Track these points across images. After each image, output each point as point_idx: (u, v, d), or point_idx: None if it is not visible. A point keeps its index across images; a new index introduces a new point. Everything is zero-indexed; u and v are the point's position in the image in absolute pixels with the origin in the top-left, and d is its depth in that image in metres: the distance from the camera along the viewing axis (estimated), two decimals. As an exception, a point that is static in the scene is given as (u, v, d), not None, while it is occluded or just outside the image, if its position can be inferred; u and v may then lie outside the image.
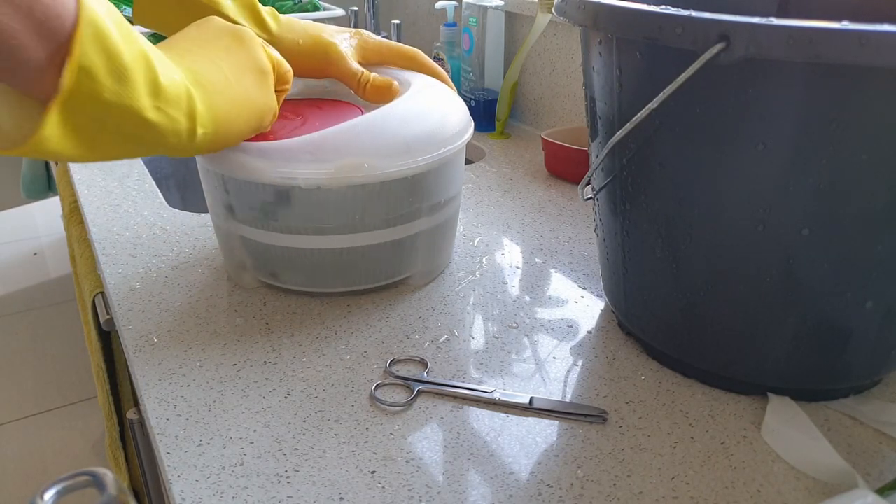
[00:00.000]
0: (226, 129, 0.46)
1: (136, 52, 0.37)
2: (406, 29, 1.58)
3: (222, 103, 0.45)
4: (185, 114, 0.41)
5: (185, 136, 0.42)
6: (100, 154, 0.40)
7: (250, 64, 0.48)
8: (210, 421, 0.46)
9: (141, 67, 0.37)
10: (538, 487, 0.42)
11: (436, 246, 0.62)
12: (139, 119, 0.38)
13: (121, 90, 0.36)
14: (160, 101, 0.39)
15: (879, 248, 0.41)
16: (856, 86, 0.36)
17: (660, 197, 0.46)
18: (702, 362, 0.50)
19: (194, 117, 0.42)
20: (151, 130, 0.40)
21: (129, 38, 0.37)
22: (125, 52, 0.36)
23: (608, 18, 0.42)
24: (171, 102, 0.40)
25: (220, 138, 0.46)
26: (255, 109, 0.48)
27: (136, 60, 0.37)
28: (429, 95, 0.60)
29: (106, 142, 0.39)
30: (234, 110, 0.46)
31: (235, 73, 0.46)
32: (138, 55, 0.37)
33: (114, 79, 0.36)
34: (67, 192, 0.96)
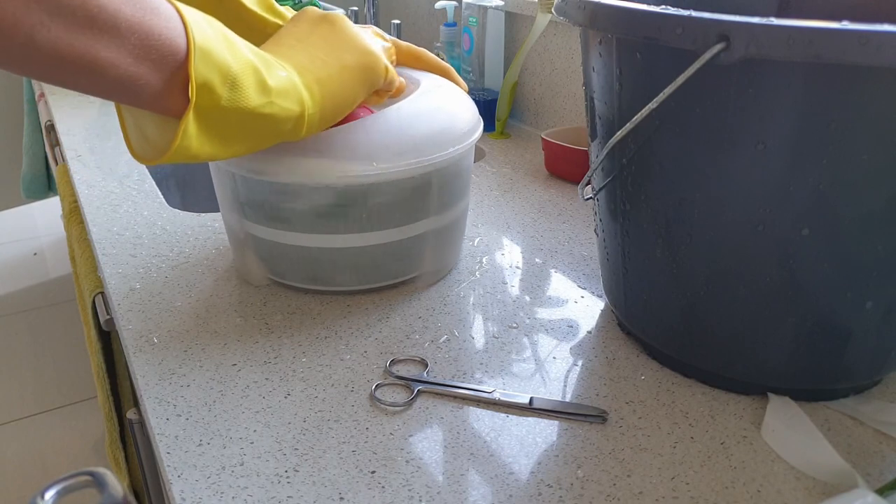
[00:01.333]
0: (331, 104, 0.50)
1: (243, 62, 0.42)
2: (406, 29, 1.58)
3: (324, 83, 0.49)
4: (294, 101, 0.46)
5: (298, 120, 0.47)
6: (233, 150, 0.46)
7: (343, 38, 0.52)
8: (210, 421, 0.46)
9: (249, 74, 0.43)
10: (538, 487, 0.42)
11: (444, 245, 0.62)
12: (256, 115, 0.44)
13: (235, 96, 0.42)
14: (271, 97, 0.44)
15: (879, 248, 0.41)
16: (856, 86, 0.36)
17: (660, 197, 0.46)
18: (702, 362, 0.50)
19: (302, 102, 0.47)
20: (268, 122, 0.45)
21: (234, 51, 0.42)
22: (233, 64, 0.42)
23: (608, 18, 0.42)
24: (280, 96, 0.45)
25: (328, 113, 0.50)
26: (354, 77, 0.52)
27: (243, 69, 0.42)
28: (438, 95, 0.60)
29: (234, 138, 0.45)
30: (335, 86, 0.50)
31: (329, 54, 0.50)
32: (245, 64, 0.42)
33: (228, 88, 0.41)
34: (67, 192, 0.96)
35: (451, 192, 0.59)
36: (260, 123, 0.45)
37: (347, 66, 0.51)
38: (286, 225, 0.56)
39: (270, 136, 0.47)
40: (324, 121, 0.50)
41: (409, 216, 0.57)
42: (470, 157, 0.62)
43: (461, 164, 0.59)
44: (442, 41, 1.18)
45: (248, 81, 0.42)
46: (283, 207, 0.55)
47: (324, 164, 0.52)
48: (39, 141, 1.83)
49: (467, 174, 0.62)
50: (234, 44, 0.43)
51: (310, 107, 0.48)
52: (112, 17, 0.35)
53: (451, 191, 0.59)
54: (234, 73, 0.42)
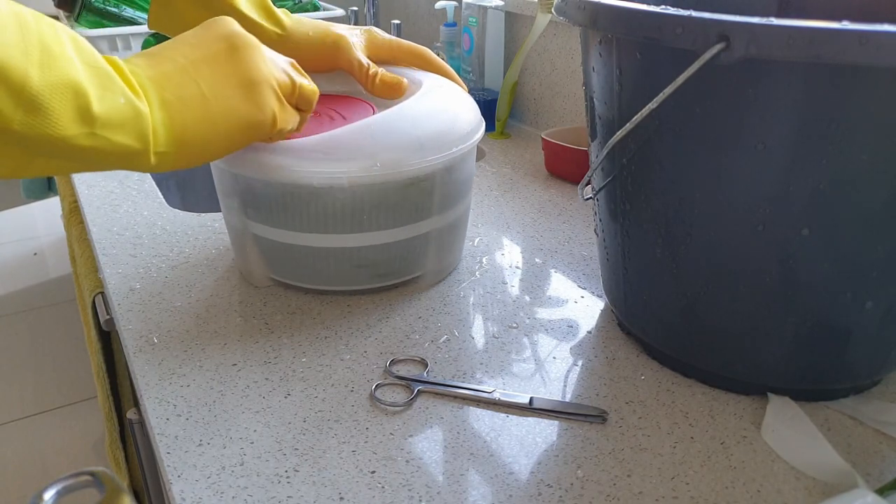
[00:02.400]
0: (194, 147, 0.44)
1: (57, 81, 0.35)
2: (406, 29, 1.58)
3: (191, 121, 0.43)
4: (131, 136, 0.39)
5: (137, 157, 0.41)
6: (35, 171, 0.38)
7: (238, 75, 0.45)
8: (210, 421, 0.46)
9: (63, 97, 0.35)
10: (538, 487, 0.42)
11: (447, 244, 0.63)
12: (69, 146, 0.37)
13: (35, 122, 0.35)
14: (96, 128, 0.37)
15: (879, 248, 0.41)
16: (856, 86, 0.36)
17: (660, 197, 0.46)
18: (702, 362, 0.50)
19: (146, 139, 0.40)
20: (88, 153, 0.38)
21: (49, 65, 0.35)
22: (36, 83, 0.34)
23: (608, 18, 0.42)
24: (109, 127, 0.38)
25: (186, 156, 0.44)
26: (238, 124, 0.45)
27: (54, 91, 0.35)
28: (440, 94, 0.60)
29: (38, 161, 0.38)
30: (208, 127, 0.44)
31: (216, 87, 0.44)
32: (58, 84, 0.35)
33: (23, 110, 0.34)
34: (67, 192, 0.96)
35: (453, 191, 0.59)
36: (79, 153, 0.38)
37: (228, 110, 0.44)
38: (289, 225, 0.56)
39: (96, 164, 0.40)
40: (183, 161, 0.44)
41: (412, 216, 0.57)
42: (472, 157, 0.62)
43: (463, 164, 0.60)
44: (442, 41, 1.18)
45: (58, 105, 0.35)
46: (285, 207, 0.55)
47: (326, 165, 0.52)
48: (39, 141, 1.82)
49: (469, 174, 0.62)
50: (55, 56, 0.35)
51: (160, 145, 0.41)
52: None
53: (453, 191, 0.59)
54: (35, 92, 0.34)
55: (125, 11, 1.22)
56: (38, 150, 0.37)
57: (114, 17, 1.21)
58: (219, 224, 0.74)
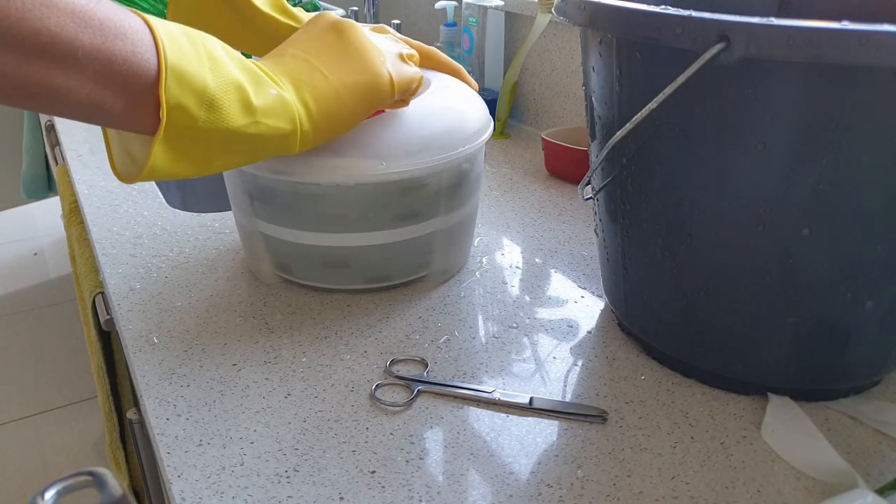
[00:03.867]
0: (328, 122, 0.49)
1: (225, 81, 0.41)
2: (406, 29, 1.58)
3: (320, 101, 0.48)
4: (284, 119, 0.45)
5: (289, 137, 0.46)
6: (218, 166, 0.45)
7: (349, 52, 0.50)
8: (210, 421, 0.46)
9: (231, 94, 0.41)
10: (538, 487, 0.42)
11: (453, 244, 0.63)
12: (240, 134, 0.43)
13: (213, 117, 0.41)
14: (257, 117, 0.43)
15: (879, 248, 0.41)
16: (856, 86, 0.36)
17: (660, 197, 0.46)
18: (702, 362, 0.50)
19: (294, 120, 0.46)
20: (255, 140, 0.44)
21: (217, 69, 0.41)
22: (211, 85, 0.40)
23: (608, 18, 0.42)
24: (268, 115, 0.44)
25: (324, 131, 0.49)
26: (359, 93, 0.50)
27: (224, 90, 0.41)
28: (448, 94, 0.60)
29: (217, 156, 0.44)
30: (332, 104, 0.48)
31: (333, 67, 0.49)
32: (227, 84, 0.41)
33: (205, 108, 0.40)
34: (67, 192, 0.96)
35: (461, 191, 0.60)
36: (245, 142, 0.44)
37: (348, 83, 0.49)
38: (296, 224, 0.57)
39: (259, 152, 0.46)
40: (319, 137, 0.49)
41: (419, 216, 0.57)
42: (480, 157, 0.62)
43: (471, 164, 0.60)
44: (442, 41, 1.18)
45: (228, 101, 0.41)
46: (293, 206, 0.56)
47: (334, 164, 0.53)
48: (39, 141, 1.83)
49: (477, 174, 0.62)
50: (219, 61, 0.41)
51: (304, 123, 0.47)
52: (67, 45, 0.34)
53: (461, 190, 0.59)
54: (212, 93, 0.40)
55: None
56: (215, 145, 0.42)
57: (114, 17, 1.21)
58: (219, 224, 0.74)
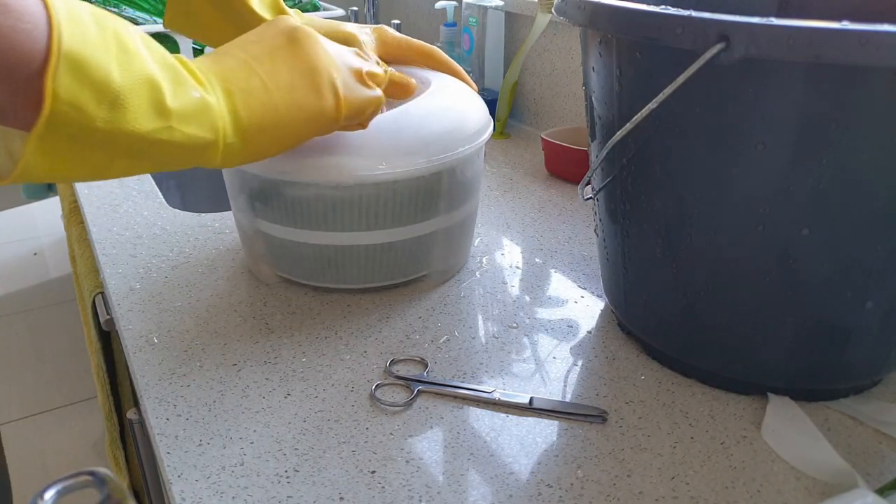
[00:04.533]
0: (264, 136, 0.44)
1: (136, 77, 0.36)
2: (406, 29, 1.58)
3: (256, 111, 0.43)
4: (204, 128, 0.40)
5: (208, 149, 0.41)
6: (116, 172, 0.39)
7: (298, 66, 0.45)
8: (210, 421, 0.46)
9: (141, 92, 0.36)
10: (538, 487, 0.42)
11: (453, 244, 0.63)
12: (149, 141, 0.37)
13: (116, 117, 0.35)
14: (172, 121, 0.38)
15: (879, 248, 0.41)
16: (856, 86, 0.36)
17: (660, 197, 0.46)
18: (702, 362, 0.50)
19: (217, 129, 0.41)
20: (168, 148, 0.39)
21: (128, 63, 0.35)
22: (117, 79, 0.34)
23: (608, 18, 0.42)
24: (184, 120, 0.39)
25: (252, 148, 0.44)
26: (302, 113, 0.45)
27: (134, 87, 0.35)
28: (447, 94, 0.60)
29: (118, 162, 0.38)
30: (273, 117, 0.44)
31: (277, 78, 0.44)
32: (138, 80, 0.36)
33: (106, 107, 0.34)
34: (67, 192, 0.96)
35: (460, 191, 0.60)
36: (155, 148, 0.38)
37: (290, 99, 0.44)
38: (295, 223, 0.57)
39: (172, 161, 0.40)
40: (251, 153, 0.44)
41: (419, 215, 0.57)
42: (480, 157, 0.62)
43: (471, 164, 0.60)
44: (442, 41, 1.18)
45: (136, 101, 0.36)
46: (292, 205, 0.56)
47: (334, 163, 0.53)
48: (39, 141, 1.82)
49: (477, 174, 0.62)
50: (132, 53, 0.36)
51: (229, 136, 0.42)
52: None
53: (460, 190, 0.59)
54: (117, 89, 0.34)
55: (125, 11, 1.22)
56: (118, 149, 0.37)
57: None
58: (219, 224, 0.74)
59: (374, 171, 0.53)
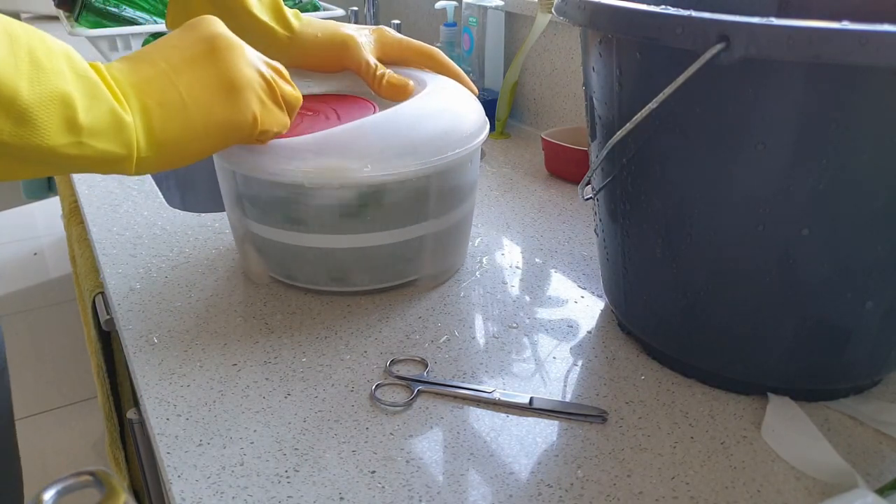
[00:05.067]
0: (173, 150, 0.44)
1: (45, 93, 0.36)
2: (406, 29, 1.58)
3: (171, 126, 0.43)
4: (116, 143, 0.41)
5: (120, 162, 0.42)
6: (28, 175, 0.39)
7: (218, 78, 0.45)
8: (210, 421, 0.46)
9: (50, 108, 0.36)
10: (538, 487, 0.42)
11: (445, 249, 0.62)
12: (56, 154, 0.38)
13: (23, 132, 0.36)
14: (83, 137, 0.38)
15: (879, 249, 0.41)
16: (856, 86, 0.36)
17: (660, 197, 0.46)
18: (702, 362, 0.50)
19: (130, 146, 0.41)
20: (78, 161, 0.39)
21: (38, 78, 0.36)
22: (26, 95, 0.35)
23: (608, 18, 0.42)
24: (95, 136, 0.39)
25: (166, 159, 0.44)
26: (218, 127, 0.46)
27: (43, 103, 0.36)
28: (442, 96, 0.59)
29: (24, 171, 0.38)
30: (188, 131, 0.44)
31: (195, 91, 0.44)
32: (47, 96, 0.36)
33: (13, 122, 0.35)
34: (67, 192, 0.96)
35: (451, 196, 0.59)
36: (66, 161, 0.39)
37: (207, 113, 0.44)
38: (286, 224, 0.56)
39: (82, 169, 0.41)
40: (162, 164, 0.45)
41: (406, 219, 0.57)
42: (475, 160, 0.61)
43: (462, 168, 0.59)
44: (442, 41, 1.18)
45: (46, 116, 0.36)
46: (279, 206, 0.55)
47: (325, 165, 0.52)
48: (39, 141, 1.83)
49: (471, 178, 0.61)
50: (44, 69, 0.36)
51: (142, 149, 0.42)
52: None
53: (451, 195, 0.59)
54: (25, 104, 0.35)
55: (125, 11, 1.22)
56: (26, 159, 0.37)
57: (114, 17, 1.22)
58: (219, 224, 0.74)
59: (360, 173, 0.52)
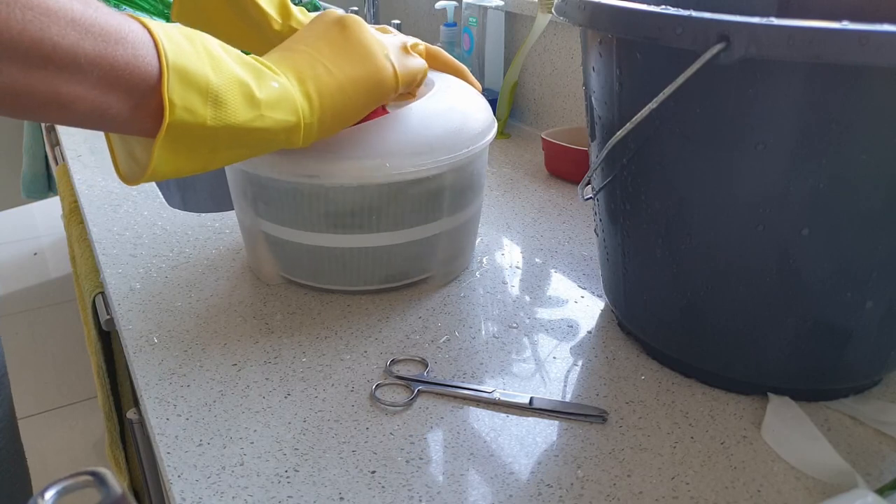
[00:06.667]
0: (332, 114, 0.49)
1: (227, 77, 0.41)
2: (406, 29, 1.58)
3: (324, 94, 0.48)
4: (288, 112, 0.45)
5: (293, 129, 0.46)
6: (220, 162, 0.45)
7: (352, 46, 0.51)
8: (210, 421, 0.46)
9: (234, 89, 0.42)
10: (538, 487, 0.42)
11: (457, 246, 0.62)
12: (247, 129, 0.43)
13: (221, 114, 0.41)
14: (262, 110, 0.43)
15: (879, 248, 0.41)
16: (856, 86, 0.36)
17: (660, 197, 0.46)
18: (702, 362, 0.50)
19: (298, 112, 0.46)
20: (261, 133, 0.44)
21: (218, 66, 0.41)
22: (214, 81, 0.40)
23: (608, 18, 0.42)
24: (271, 107, 0.44)
25: (329, 123, 0.49)
26: (363, 85, 0.50)
27: (228, 86, 0.41)
28: (452, 95, 0.60)
29: (222, 153, 0.44)
30: (336, 97, 0.49)
31: (337, 60, 0.49)
32: (229, 79, 0.41)
33: (212, 106, 0.41)
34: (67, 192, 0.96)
35: (464, 193, 0.59)
36: (251, 136, 0.44)
37: (352, 76, 0.50)
38: (298, 224, 0.56)
39: (264, 146, 0.46)
40: (324, 130, 0.49)
41: (422, 217, 0.57)
42: (484, 158, 0.61)
43: (475, 165, 0.59)
44: (442, 41, 1.18)
45: (232, 97, 0.42)
46: (295, 206, 0.56)
47: (337, 165, 0.52)
48: (40, 141, 1.83)
49: (481, 175, 0.62)
50: (218, 58, 0.42)
51: (307, 116, 0.47)
52: (70, 53, 0.34)
53: (464, 192, 0.59)
54: (216, 89, 0.41)
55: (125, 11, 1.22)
56: (221, 142, 0.42)
57: (114, 17, 1.21)
58: (219, 224, 0.74)
59: (378, 172, 0.53)
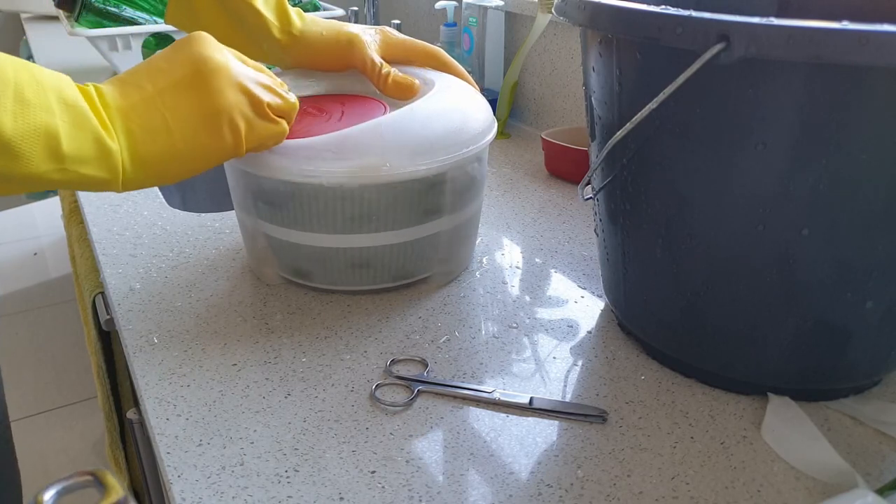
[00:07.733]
0: (160, 171, 0.46)
1: (30, 127, 0.39)
2: (406, 29, 1.58)
3: (155, 150, 0.45)
4: (102, 169, 0.43)
5: (107, 184, 0.44)
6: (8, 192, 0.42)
7: (201, 104, 0.46)
8: (210, 421, 0.46)
9: (36, 141, 0.39)
10: (538, 487, 0.42)
11: (458, 245, 0.63)
12: (41, 179, 0.41)
13: (12, 164, 0.39)
14: (66, 164, 0.41)
15: (879, 248, 0.41)
16: (856, 86, 0.36)
17: (660, 197, 0.46)
18: (702, 362, 0.50)
19: (115, 171, 0.44)
20: (59, 184, 0.42)
21: (22, 113, 0.38)
22: (10, 131, 0.38)
23: (608, 18, 0.42)
24: (78, 163, 0.41)
25: (153, 179, 0.46)
26: (200, 152, 0.47)
27: (27, 137, 0.39)
28: (452, 95, 0.60)
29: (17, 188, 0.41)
30: (172, 154, 0.46)
31: (179, 117, 0.46)
32: (31, 131, 0.39)
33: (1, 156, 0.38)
34: (67, 193, 0.96)
35: (464, 192, 0.59)
36: (48, 184, 0.42)
37: (190, 140, 0.46)
38: (299, 224, 0.56)
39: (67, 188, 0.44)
40: (150, 183, 0.47)
41: (423, 217, 0.57)
42: (484, 157, 0.62)
43: (475, 165, 0.59)
44: (442, 41, 1.18)
45: (29, 148, 0.39)
46: (296, 207, 0.56)
47: (336, 164, 0.52)
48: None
49: (481, 174, 0.62)
50: (28, 104, 0.39)
51: (128, 172, 0.44)
52: None
53: (464, 191, 0.59)
54: (8, 139, 0.38)
55: (125, 11, 1.22)
56: (12, 182, 0.40)
57: (114, 17, 1.21)
58: (219, 224, 0.74)
59: (378, 172, 0.53)
